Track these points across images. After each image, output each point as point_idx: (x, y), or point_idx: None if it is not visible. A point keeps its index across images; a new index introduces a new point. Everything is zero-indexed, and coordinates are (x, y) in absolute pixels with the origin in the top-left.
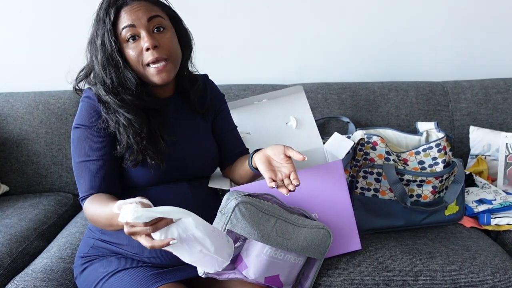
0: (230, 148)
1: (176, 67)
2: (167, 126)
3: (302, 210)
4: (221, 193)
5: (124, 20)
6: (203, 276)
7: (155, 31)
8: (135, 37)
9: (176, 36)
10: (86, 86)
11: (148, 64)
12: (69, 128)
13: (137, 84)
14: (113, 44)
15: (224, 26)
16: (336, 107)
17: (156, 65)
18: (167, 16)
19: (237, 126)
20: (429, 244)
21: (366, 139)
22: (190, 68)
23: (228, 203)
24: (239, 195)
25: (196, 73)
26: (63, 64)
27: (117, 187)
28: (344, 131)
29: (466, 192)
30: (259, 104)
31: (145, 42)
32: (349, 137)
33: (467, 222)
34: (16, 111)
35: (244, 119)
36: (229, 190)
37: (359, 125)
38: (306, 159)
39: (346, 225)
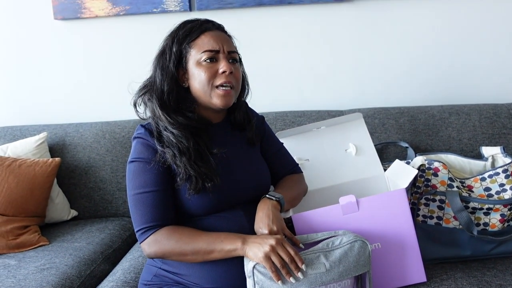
0: (280, 168)
1: (235, 97)
2: (216, 145)
3: (326, 234)
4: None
5: (209, 44)
6: None
7: (230, 61)
8: (212, 60)
9: None
10: (143, 105)
11: (217, 86)
12: None
13: (193, 105)
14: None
15: (279, 54)
16: (394, 132)
17: (224, 88)
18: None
19: (283, 143)
20: (500, 276)
21: (427, 165)
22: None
23: (247, 266)
24: None
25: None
26: (128, 96)
27: (173, 218)
28: (403, 156)
29: None
30: (318, 131)
31: (223, 66)
32: (408, 163)
33: None
34: (85, 140)
35: (303, 145)
36: (290, 217)
37: (418, 150)
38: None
39: (410, 256)
